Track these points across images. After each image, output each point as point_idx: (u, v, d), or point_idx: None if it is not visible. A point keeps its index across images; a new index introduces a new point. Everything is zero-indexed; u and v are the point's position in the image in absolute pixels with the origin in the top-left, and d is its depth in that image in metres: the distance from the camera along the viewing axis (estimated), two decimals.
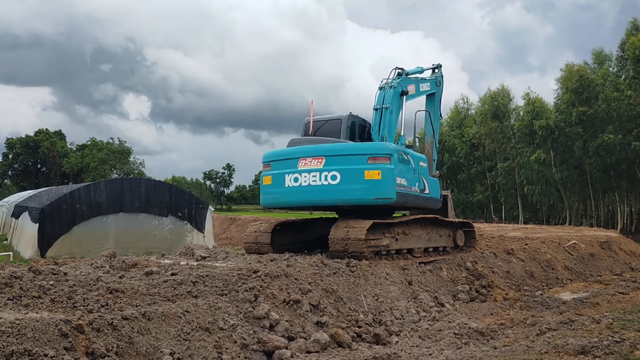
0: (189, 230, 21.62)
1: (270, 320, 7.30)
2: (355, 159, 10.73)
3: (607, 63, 38.63)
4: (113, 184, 21.10)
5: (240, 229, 36.23)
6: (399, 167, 10.74)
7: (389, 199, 10.49)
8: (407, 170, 11.13)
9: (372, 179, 10.45)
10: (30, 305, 6.31)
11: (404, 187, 10.91)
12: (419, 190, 11.60)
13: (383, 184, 10.44)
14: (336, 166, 10.78)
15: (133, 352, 5.80)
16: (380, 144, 11.21)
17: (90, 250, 18.07)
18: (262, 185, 12.08)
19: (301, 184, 11.11)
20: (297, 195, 11.27)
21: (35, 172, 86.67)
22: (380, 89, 12.83)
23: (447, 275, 11.44)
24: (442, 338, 7.77)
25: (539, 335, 7.41)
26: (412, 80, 13.98)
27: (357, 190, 10.60)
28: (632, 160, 33.06)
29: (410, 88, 13.60)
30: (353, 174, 10.62)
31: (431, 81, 15.69)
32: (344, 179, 10.68)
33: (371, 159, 10.58)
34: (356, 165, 10.65)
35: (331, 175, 10.79)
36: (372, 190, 10.50)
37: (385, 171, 10.46)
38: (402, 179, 10.83)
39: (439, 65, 16.73)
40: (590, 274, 14.75)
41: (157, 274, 8.61)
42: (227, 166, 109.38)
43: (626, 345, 6.02)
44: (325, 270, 9.32)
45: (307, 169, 11.04)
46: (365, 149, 10.89)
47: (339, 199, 10.85)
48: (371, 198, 10.56)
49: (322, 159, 10.98)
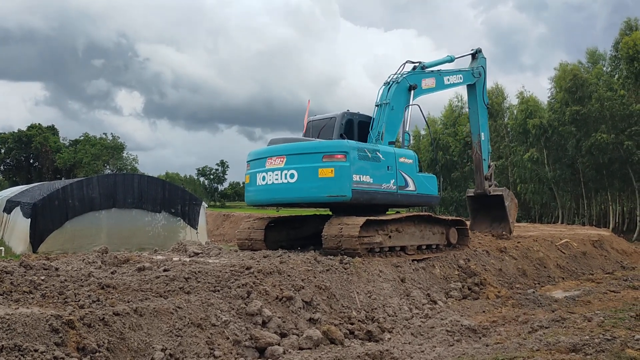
0: (182, 227, 21.54)
1: (262, 317, 7.29)
2: (311, 157, 10.81)
3: (601, 62, 38.74)
4: (106, 179, 20.99)
5: (233, 225, 36.17)
6: (359, 164, 10.65)
7: (343, 196, 10.47)
8: (374, 167, 10.99)
9: (325, 177, 10.50)
10: (20, 300, 6.27)
11: (368, 184, 10.80)
12: (396, 187, 11.48)
13: (336, 182, 10.45)
14: (294, 165, 10.93)
15: (124, 348, 5.78)
16: (336, 142, 11.12)
17: (83, 245, 17.96)
18: (245, 183, 12.28)
19: (267, 183, 11.33)
20: (265, 193, 11.50)
21: (28, 167, 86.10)
22: (385, 85, 12.79)
23: (439, 272, 11.46)
24: (435, 335, 7.78)
25: (530, 332, 7.44)
26: (429, 73, 13.73)
27: (312, 188, 10.69)
28: (625, 160, 33.16)
29: (425, 82, 13.44)
30: (308, 172, 10.72)
31: (465, 72, 15.38)
32: (300, 177, 10.80)
33: (326, 157, 10.62)
34: (311, 163, 10.74)
35: (290, 173, 10.94)
36: (325, 188, 10.55)
37: (338, 169, 10.45)
38: (365, 176, 10.75)
39: (478, 50, 16.18)
40: (582, 272, 14.82)
41: (150, 270, 8.59)
42: (221, 163, 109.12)
43: (617, 343, 6.05)
44: (318, 267, 9.31)
45: (272, 168, 11.26)
46: (321, 147, 10.90)
47: (297, 196, 10.98)
48: (324, 196, 10.62)
49: (283, 158, 11.15)
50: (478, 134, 16.11)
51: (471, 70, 15.69)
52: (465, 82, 15.60)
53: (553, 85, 39.47)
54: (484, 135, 16.27)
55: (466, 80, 15.50)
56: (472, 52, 16.29)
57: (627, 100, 33.04)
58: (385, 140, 12.11)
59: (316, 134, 12.37)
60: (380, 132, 12.11)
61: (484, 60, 16.20)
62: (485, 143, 16.35)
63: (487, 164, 16.40)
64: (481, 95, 15.98)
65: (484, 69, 16.03)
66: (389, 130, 12.22)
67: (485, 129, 16.43)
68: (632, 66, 31.85)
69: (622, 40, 33.02)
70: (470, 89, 16.11)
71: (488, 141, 16.61)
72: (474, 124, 16.50)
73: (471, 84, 15.85)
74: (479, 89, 15.91)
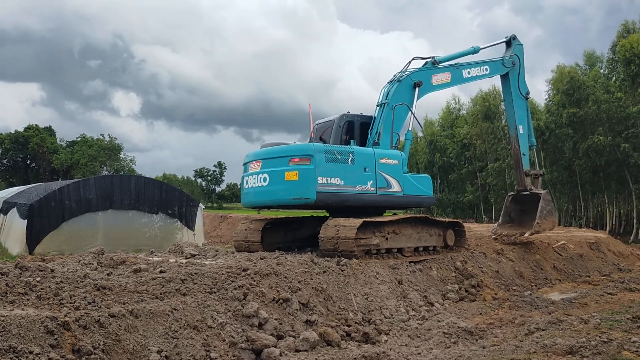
0: (179, 228, 21.49)
1: (259, 319, 7.27)
2: (279, 161, 11.02)
3: (598, 65, 38.86)
4: (103, 180, 20.94)
5: (230, 227, 36.10)
6: (327, 166, 10.68)
7: (306, 199, 10.57)
8: (345, 169, 10.97)
9: (291, 180, 10.66)
10: (16, 301, 6.24)
11: (337, 187, 10.80)
12: (375, 189, 11.41)
13: (300, 185, 10.58)
14: (267, 169, 11.20)
15: (120, 350, 5.75)
16: (303, 145, 11.29)
17: (79, 247, 17.90)
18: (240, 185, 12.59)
19: (249, 186, 11.64)
20: (247, 196, 11.83)
21: (25, 168, 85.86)
22: (388, 83, 12.68)
23: (436, 274, 11.45)
24: (431, 337, 7.77)
25: (527, 335, 7.43)
26: (442, 68, 13.30)
27: (280, 191, 10.88)
28: (621, 162, 33.22)
29: (437, 77, 13.11)
30: (276, 176, 10.94)
31: (492, 63, 14.46)
32: (271, 180, 11.06)
33: (292, 161, 10.77)
34: (279, 167, 10.94)
35: (263, 177, 11.22)
36: (290, 190, 10.72)
37: (302, 172, 10.57)
38: (334, 178, 10.77)
39: (513, 37, 14.98)
40: (579, 274, 14.82)
41: (146, 272, 8.56)
42: (219, 164, 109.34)
43: (614, 345, 6.05)
44: (315, 269, 9.30)
45: (252, 172, 11.60)
46: (288, 151, 11.06)
47: (268, 199, 11.24)
48: (290, 198, 10.79)
49: (259, 162, 11.43)
50: (515, 127, 14.97)
51: (501, 59, 14.68)
52: (494, 74, 14.64)
53: (550, 87, 39.60)
54: (522, 129, 15.06)
55: (494, 71, 14.53)
56: (505, 40, 15.14)
57: (624, 102, 33.11)
58: (383, 140, 12.07)
59: (320, 138, 12.43)
60: (379, 133, 12.07)
61: (519, 48, 15.05)
62: (523, 136, 15.06)
63: (527, 159, 15.13)
64: (516, 85, 14.85)
65: (519, 58, 14.92)
66: (387, 131, 12.16)
67: (524, 121, 15.16)
68: (629, 69, 31.90)
69: (620, 42, 33.10)
70: (503, 79, 15.04)
71: (528, 135, 15.26)
72: (510, 116, 15.34)
73: (503, 74, 14.85)
74: (513, 80, 14.83)
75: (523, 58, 15.11)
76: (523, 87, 15.10)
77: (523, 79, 15.12)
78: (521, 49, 15.24)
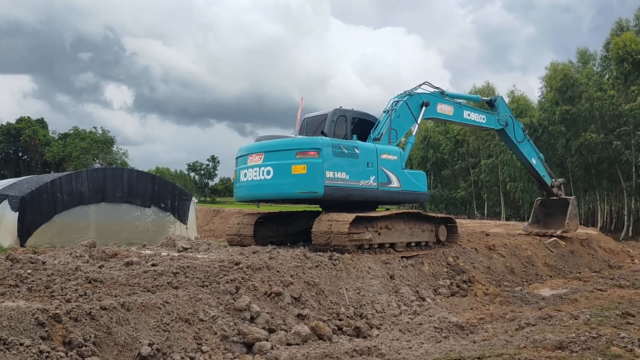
0: (171, 222, 21.46)
1: (251, 312, 7.28)
2: (285, 154, 10.90)
3: (592, 62, 38.98)
4: (95, 173, 20.84)
5: (223, 221, 36.06)
6: (333, 160, 10.68)
7: (314, 192, 10.54)
8: (351, 164, 11.01)
9: (298, 174, 10.58)
10: (6, 293, 6.22)
11: (343, 181, 10.82)
12: (377, 184, 11.49)
13: (308, 178, 10.51)
14: (271, 161, 11.04)
15: (111, 342, 5.74)
16: (310, 139, 11.17)
17: (71, 239, 17.83)
18: (233, 180, 12.43)
19: (248, 179, 11.45)
20: (246, 189, 11.64)
21: (17, 160, 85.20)
22: (398, 96, 13.10)
23: (428, 270, 11.50)
24: (422, 332, 7.81)
25: (517, 330, 7.48)
26: (448, 101, 14.13)
27: (285, 184, 10.78)
28: (613, 160, 33.41)
29: (442, 107, 13.82)
30: (282, 169, 10.82)
31: (490, 116, 15.56)
32: (275, 173, 10.92)
33: (299, 154, 10.70)
34: (285, 160, 10.82)
35: (266, 170, 11.07)
36: (297, 184, 10.63)
37: (310, 165, 10.51)
38: (341, 172, 10.78)
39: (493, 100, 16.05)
40: (569, 271, 14.92)
41: (137, 265, 8.54)
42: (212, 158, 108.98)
43: (603, 341, 6.10)
44: (307, 263, 9.32)
45: (252, 165, 11.40)
46: (295, 144, 10.98)
47: (272, 193, 11.09)
48: (297, 192, 10.70)
49: (261, 155, 11.26)
50: (528, 162, 16.44)
51: (497, 116, 15.68)
52: (490, 126, 15.75)
53: (544, 84, 39.69)
54: (534, 160, 16.61)
55: (490, 124, 15.60)
56: (486, 100, 16.31)
57: (617, 100, 33.25)
58: (383, 141, 12.17)
59: (311, 132, 12.38)
60: (381, 133, 12.31)
61: (503, 106, 16.10)
62: (538, 165, 16.67)
63: (548, 177, 16.96)
64: (513, 137, 15.99)
65: (511, 118, 16.05)
66: (389, 130, 12.33)
67: (534, 154, 16.63)
68: (622, 67, 32.00)
69: (613, 40, 33.19)
70: (500, 133, 16.23)
71: (541, 162, 16.83)
72: (520, 158, 16.81)
73: (498, 129, 15.91)
74: (510, 133, 15.92)
75: (513, 116, 16.28)
76: (519, 135, 16.26)
77: (517, 129, 16.22)
78: (506, 107, 16.28)
